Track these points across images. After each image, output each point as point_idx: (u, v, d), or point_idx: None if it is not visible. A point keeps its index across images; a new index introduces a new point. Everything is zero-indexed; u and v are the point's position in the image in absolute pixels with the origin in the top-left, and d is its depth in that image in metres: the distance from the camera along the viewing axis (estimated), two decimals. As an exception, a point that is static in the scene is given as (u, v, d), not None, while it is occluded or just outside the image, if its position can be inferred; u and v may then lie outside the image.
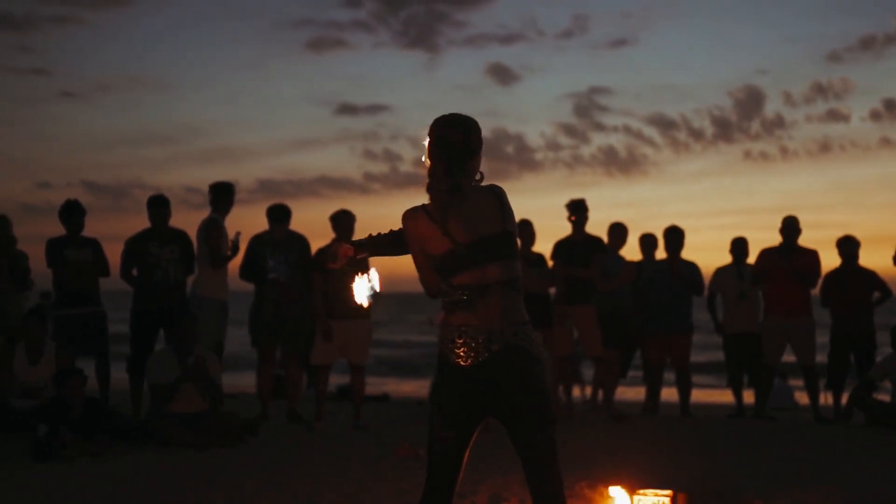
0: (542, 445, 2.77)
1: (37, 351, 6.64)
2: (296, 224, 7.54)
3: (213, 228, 7.27)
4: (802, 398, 9.68)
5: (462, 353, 2.79)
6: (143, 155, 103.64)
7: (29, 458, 5.54)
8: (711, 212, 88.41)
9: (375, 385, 15.49)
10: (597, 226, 8.33)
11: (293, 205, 7.58)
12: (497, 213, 2.81)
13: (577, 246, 7.68)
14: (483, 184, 2.89)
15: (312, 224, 7.20)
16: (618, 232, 8.20)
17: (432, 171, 2.84)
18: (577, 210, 7.76)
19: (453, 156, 2.82)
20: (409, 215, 2.87)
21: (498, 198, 2.83)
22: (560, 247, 7.74)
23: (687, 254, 8.43)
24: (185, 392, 6.33)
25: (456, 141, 2.83)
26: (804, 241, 8.19)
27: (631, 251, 8.45)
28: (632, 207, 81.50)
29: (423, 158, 2.89)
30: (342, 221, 7.18)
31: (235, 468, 5.41)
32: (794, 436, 6.96)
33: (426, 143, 2.89)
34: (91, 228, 7.39)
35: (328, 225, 7.24)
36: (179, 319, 6.69)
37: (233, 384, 11.40)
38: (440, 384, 2.87)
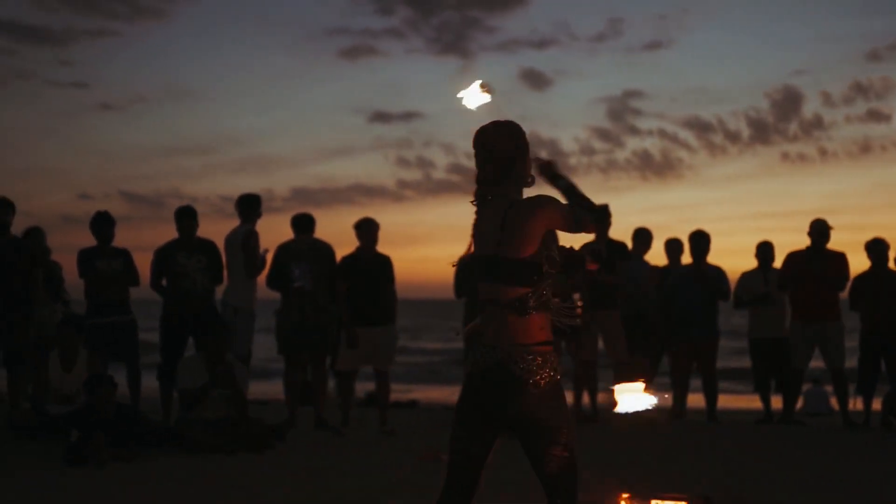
0: (550, 463, 2.78)
1: (70, 359, 6.80)
2: (330, 232, 7.68)
3: (251, 239, 7.41)
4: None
5: (469, 359, 2.87)
6: (179, 165, 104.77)
7: (62, 463, 5.65)
8: (749, 215, 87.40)
9: (405, 391, 15.56)
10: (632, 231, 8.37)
11: (327, 213, 7.79)
12: (495, 234, 2.77)
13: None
14: (526, 190, 2.85)
15: (347, 232, 7.24)
16: (642, 237, 8.20)
17: (476, 179, 2.86)
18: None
19: (492, 163, 2.82)
20: None
21: (504, 215, 2.75)
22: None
23: (726, 258, 8.42)
24: (212, 399, 6.44)
25: (493, 148, 2.82)
26: (846, 243, 8.14)
27: (658, 256, 8.45)
28: (667, 211, 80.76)
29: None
30: (366, 229, 7.29)
31: (262, 473, 5.50)
32: (822, 441, 6.92)
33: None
34: (128, 238, 7.60)
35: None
36: (208, 327, 6.81)
37: (262, 391, 11.53)
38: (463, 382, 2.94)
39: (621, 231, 7.93)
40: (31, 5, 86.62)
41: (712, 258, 8.34)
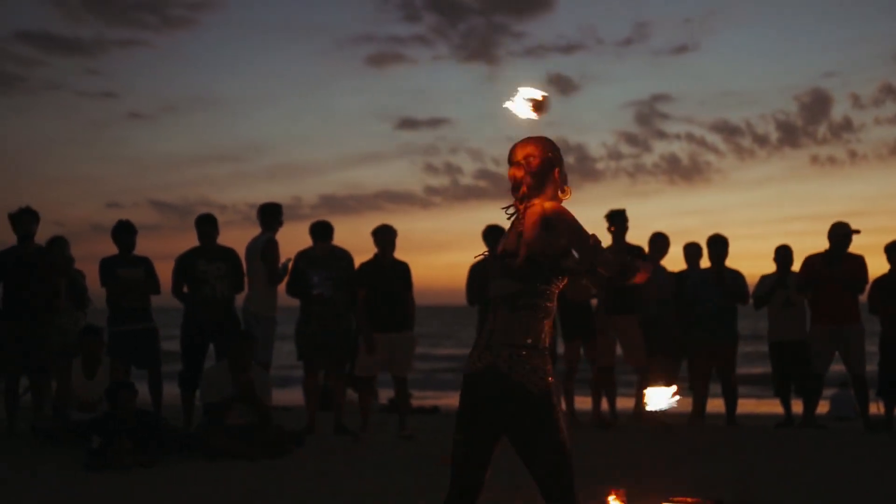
0: (543, 465, 2.79)
1: (92, 366, 6.91)
2: (358, 239, 7.75)
3: (270, 247, 7.49)
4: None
5: (466, 360, 2.92)
6: (208, 173, 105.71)
7: (83, 468, 5.74)
8: (778, 219, 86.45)
9: (429, 398, 15.59)
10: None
11: (355, 219, 7.87)
12: (536, 234, 2.83)
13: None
14: (559, 201, 2.92)
15: (375, 239, 7.37)
16: (659, 242, 8.20)
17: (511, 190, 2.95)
18: (617, 220, 7.79)
19: (527, 175, 2.90)
20: None
21: (539, 221, 2.84)
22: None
23: (755, 262, 8.43)
24: (234, 407, 6.50)
25: (524, 161, 2.91)
26: (876, 246, 8.08)
27: (677, 261, 8.44)
28: (695, 215, 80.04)
29: None
30: (383, 235, 7.35)
31: (281, 478, 5.55)
32: (841, 445, 6.87)
33: None
34: (157, 246, 7.74)
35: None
36: (228, 334, 6.88)
37: (283, 398, 11.60)
38: None
39: (647, 235, 7.94)
40: (61, 16, 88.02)
41: (741, 262, 8.34)
